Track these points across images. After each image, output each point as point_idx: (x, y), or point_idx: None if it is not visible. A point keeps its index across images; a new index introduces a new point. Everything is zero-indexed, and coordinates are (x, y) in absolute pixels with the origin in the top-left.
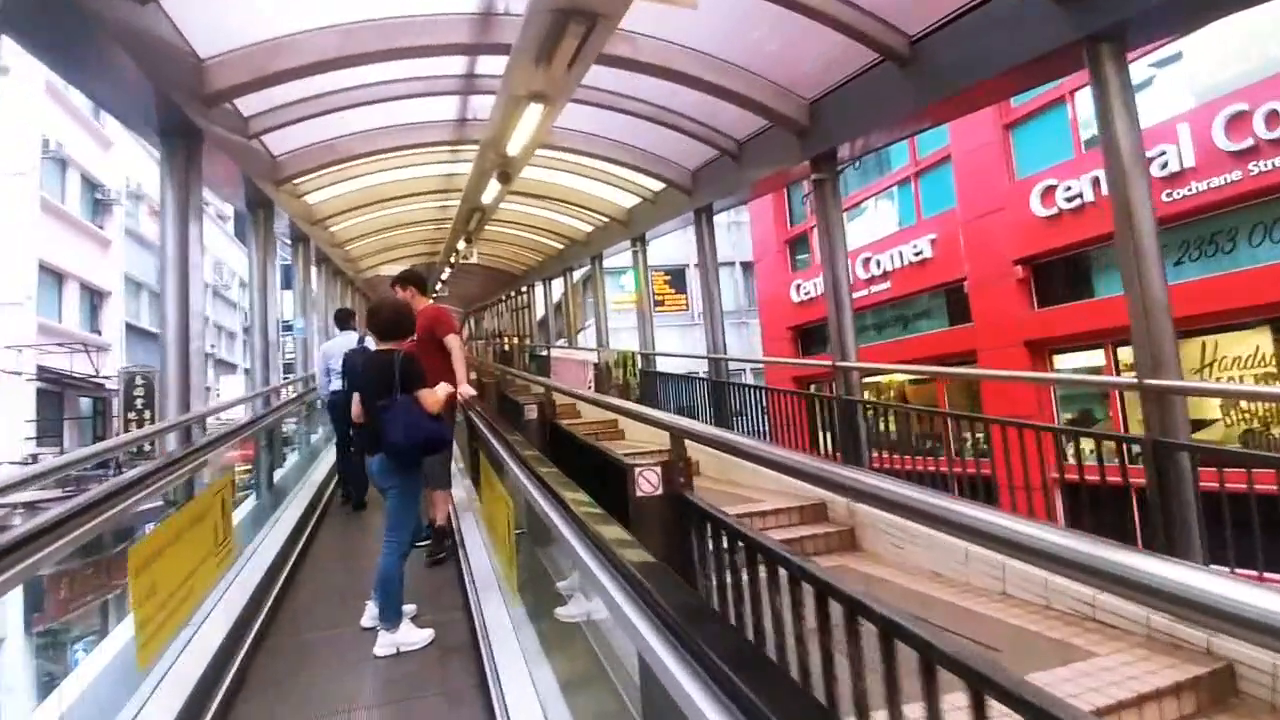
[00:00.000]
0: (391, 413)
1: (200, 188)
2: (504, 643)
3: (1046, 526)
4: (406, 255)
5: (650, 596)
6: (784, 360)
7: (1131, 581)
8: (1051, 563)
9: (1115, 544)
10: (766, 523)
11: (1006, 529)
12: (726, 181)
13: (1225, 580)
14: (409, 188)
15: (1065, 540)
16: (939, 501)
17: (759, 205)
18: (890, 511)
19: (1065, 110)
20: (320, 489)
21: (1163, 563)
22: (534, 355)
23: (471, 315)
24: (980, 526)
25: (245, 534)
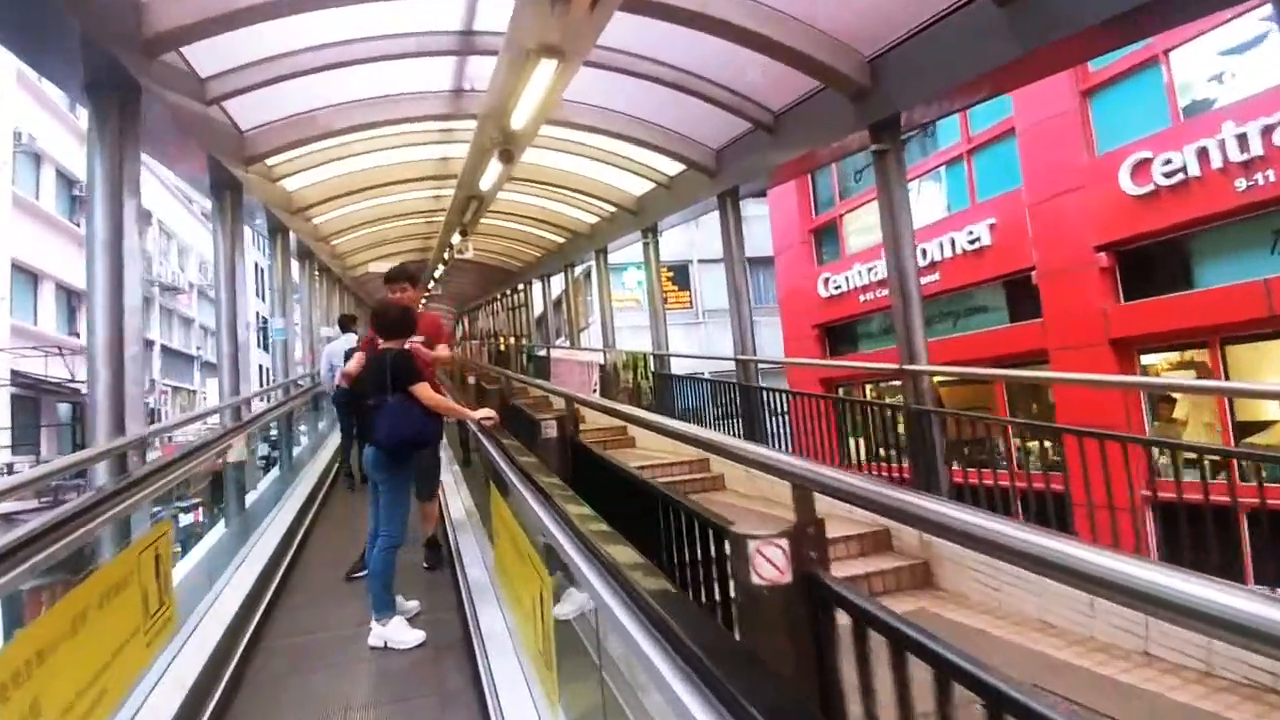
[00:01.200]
0: (381, 411)
1: (137, 157)
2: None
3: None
4: (397, 252)
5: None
6: (844, 363)
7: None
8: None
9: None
10: None
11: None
12: (757, 160)
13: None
14: (398, 173)
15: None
16: (1060, 548)
17: (779, 194)
18: (994, 555)
19: (1158, 72)
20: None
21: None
22: (532, 356)
23: (465, 315)
24: (1122, 581)
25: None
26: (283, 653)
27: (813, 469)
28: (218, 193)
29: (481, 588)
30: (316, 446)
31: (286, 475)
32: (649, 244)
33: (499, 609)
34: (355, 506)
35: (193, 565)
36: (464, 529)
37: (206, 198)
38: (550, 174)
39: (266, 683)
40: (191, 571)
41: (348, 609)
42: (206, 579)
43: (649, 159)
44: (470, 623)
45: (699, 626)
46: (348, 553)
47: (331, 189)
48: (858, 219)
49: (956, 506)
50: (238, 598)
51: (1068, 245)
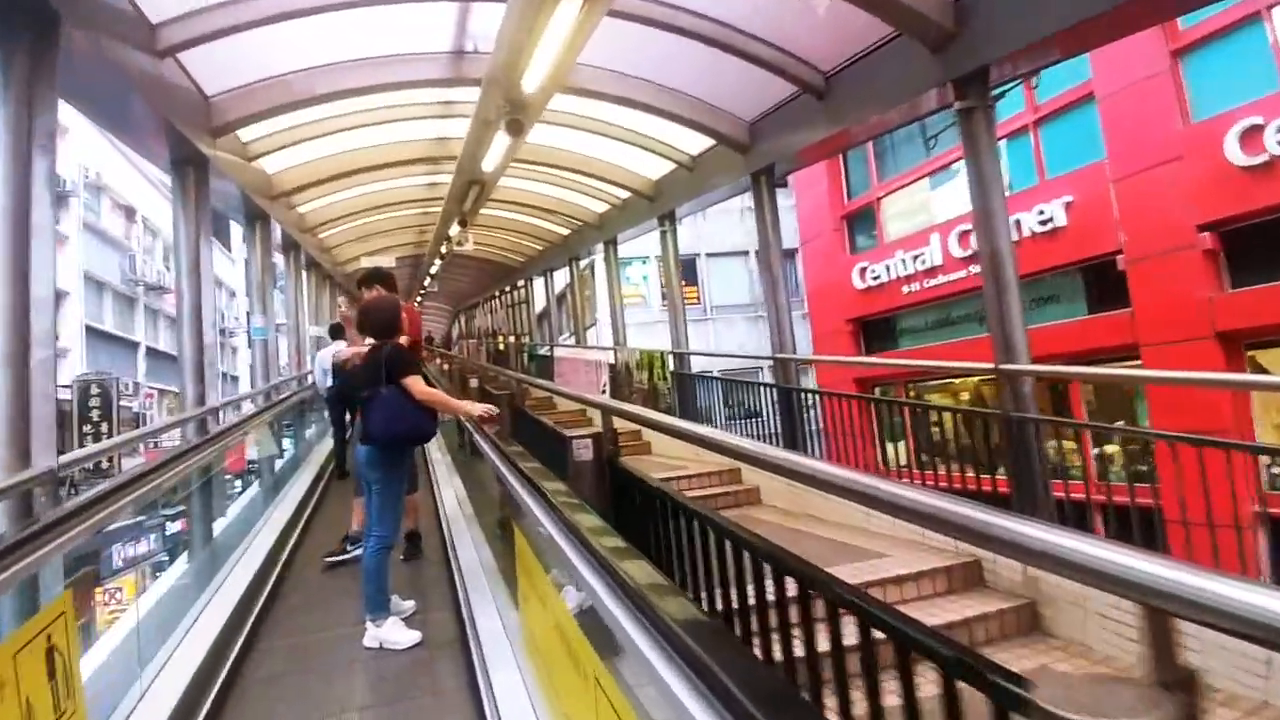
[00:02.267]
0: (374, 404)
1: (53, 107)
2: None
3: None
4: (390, 245)
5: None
6: (935, 364)
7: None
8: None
9: None
10: (905, 593)
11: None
12: (800, 131)
13: None
14: (391, 154)
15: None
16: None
17: (806, 179)
18: (1127, 596)
19: (1261, 30)
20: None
21: None
22: (534, 355)
23: (463, 313)
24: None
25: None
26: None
27: (908, 494)
28: (179, 169)
29: (475, 580)
30: (301, 459)
31: (268, 493)
32: (666, 232)
33: (494, 605)
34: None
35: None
36: (457, 521)
37: (167, 174)
38: (557, 156)
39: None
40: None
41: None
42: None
43: (670, 135)
44: (466, 622)
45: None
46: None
47: (316, 172)
48: (898, 202)
49: (1074, 535)
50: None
51: (1163, 225)
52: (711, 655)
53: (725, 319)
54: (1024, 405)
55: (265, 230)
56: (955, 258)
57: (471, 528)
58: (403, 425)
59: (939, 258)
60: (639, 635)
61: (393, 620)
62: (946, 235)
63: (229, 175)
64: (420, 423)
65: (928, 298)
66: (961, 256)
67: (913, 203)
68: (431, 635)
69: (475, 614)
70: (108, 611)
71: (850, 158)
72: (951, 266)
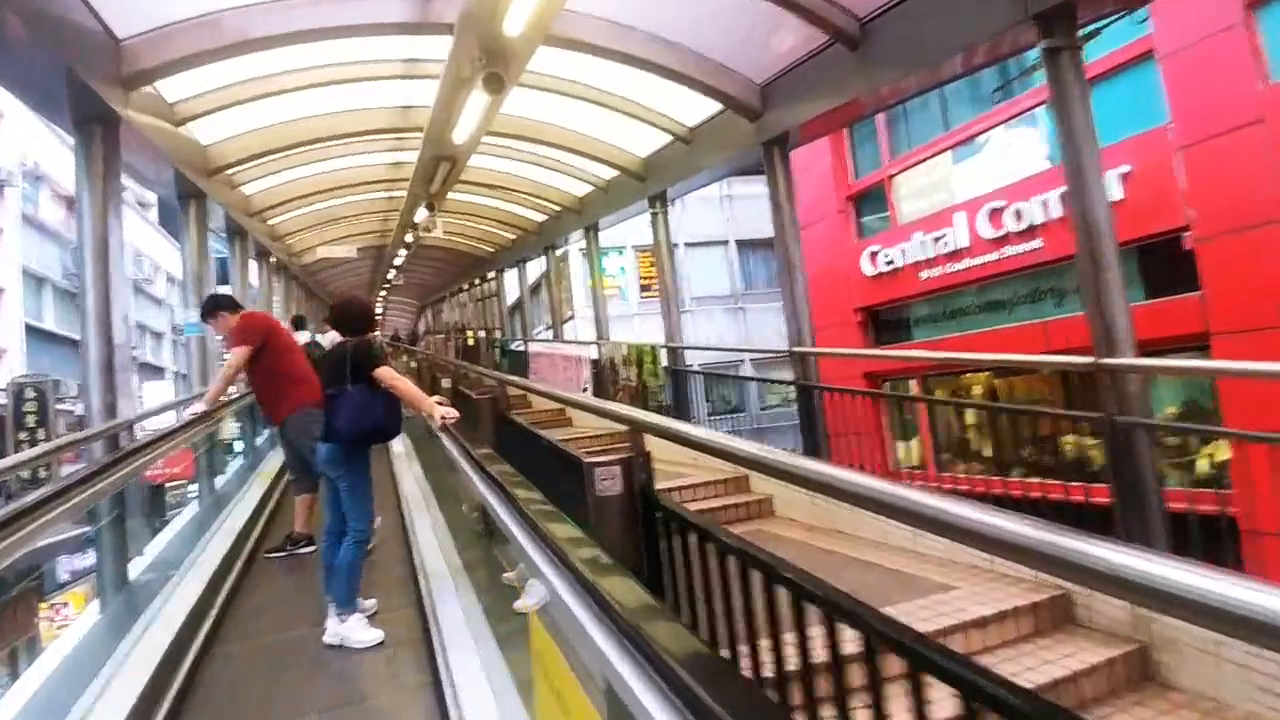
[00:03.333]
0: (339, 401)
1: None
2: None
3: None
4: (350, 234)
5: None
6: (1029, 359)
7: None
8: None
9: None
10: (988, 638)
11: None
12: (827, 90)
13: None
14: (347, 124)
15: None
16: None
17: (805, 157)
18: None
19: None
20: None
21: None
22: (506, 350)
23: (429, 308)
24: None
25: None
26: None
27: (984, 519)
28: (82, 128)
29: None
30: (245, 482)
31: (202, 522)
32: (658, 214)
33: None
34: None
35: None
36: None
37: (70, 134)
38: (537, 130)
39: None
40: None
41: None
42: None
43: (667, 102)
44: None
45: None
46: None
47: (260, 142)
48: (914, 179)
49: (1195, 569)
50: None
51: (1240, 197)
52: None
53: (705, 311)
54: (1129, 407)
55: (201, 211)
56: (985, 239)
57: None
58: (368, 423)
59: (965, 239)
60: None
61: (357, 617)
62: (974, 214)
63: (151, 140)
64: (385, 420)
65: (951, 283)
66: (992, 237)
67: (932, 180)
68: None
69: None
70: (54, 627)
71: (857, 132)
72: (980, 249)
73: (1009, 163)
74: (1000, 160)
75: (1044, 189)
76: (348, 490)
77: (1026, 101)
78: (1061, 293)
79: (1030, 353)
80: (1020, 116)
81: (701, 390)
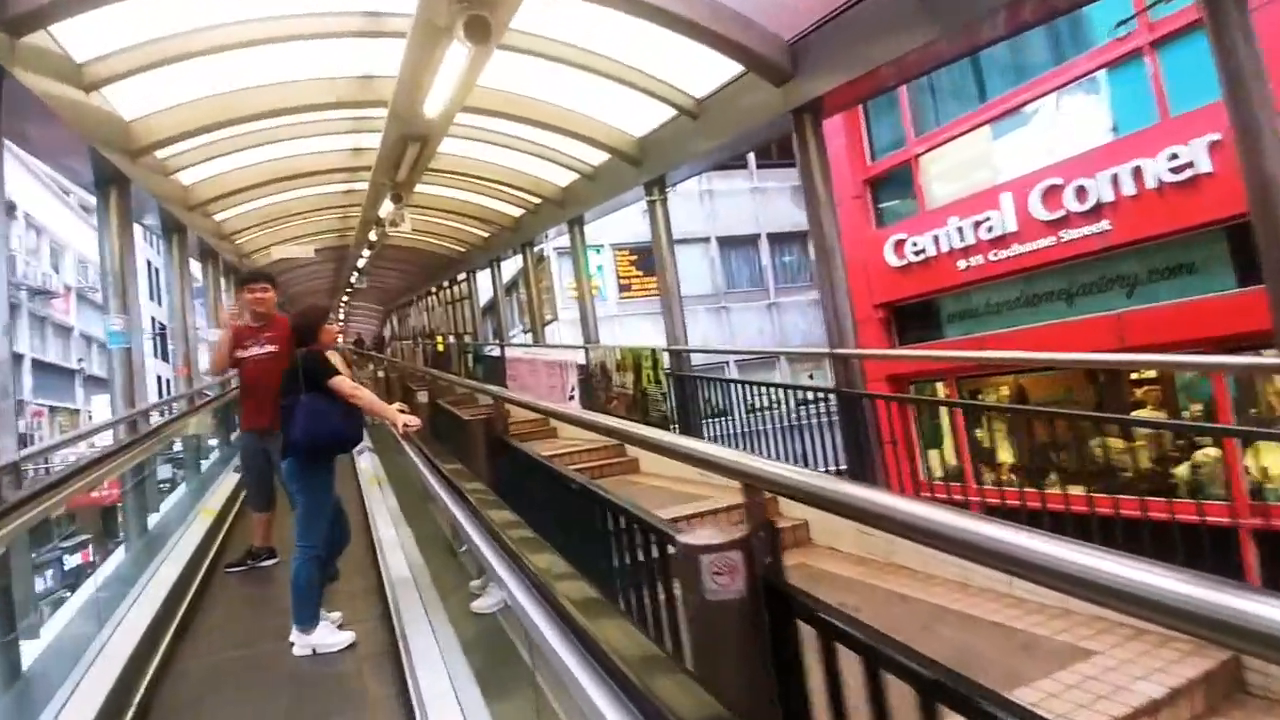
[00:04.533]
0: (295, 412)
1: None
2: None
3: None
4: (310, 234)
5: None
6: (1175, 360)
7: None
8: None
9: None
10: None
11: None
12: (879, 45)
13: None
14: (296, 95)
15: None
16: None
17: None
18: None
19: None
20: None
21: None
22: (480, 356)
23: (395, 312)
24: None
25: None
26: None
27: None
28: None
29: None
30: (184, 518)
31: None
32: (656, 202)
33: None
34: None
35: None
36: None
37: None
38: (517, 105)
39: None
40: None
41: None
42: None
43: (671, 69)
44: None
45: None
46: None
47: (195, 116)
48: (947, 158)
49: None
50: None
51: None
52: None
53: (687, 311)
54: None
55: (123, 199)
56: (1039, 221)
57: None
58: (324, 431)
59: (1012, 223)
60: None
61: (324, 625)
62: (1024, 194)
63: (51, 107)
64: (343, 429)
65: (995, 273)
66: (1048, 219)
67: (969, 158)
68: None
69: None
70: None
71: (874, 110)
72: (1031, 233)
73: (1065, 135)
74: (1053, 132)
75: (1112, 162)
76: (302, 504)
77: (1083, 65)
78: (1134, 281)
79: (1095, 349)
80: (1077, 82)
81: (739, 394)
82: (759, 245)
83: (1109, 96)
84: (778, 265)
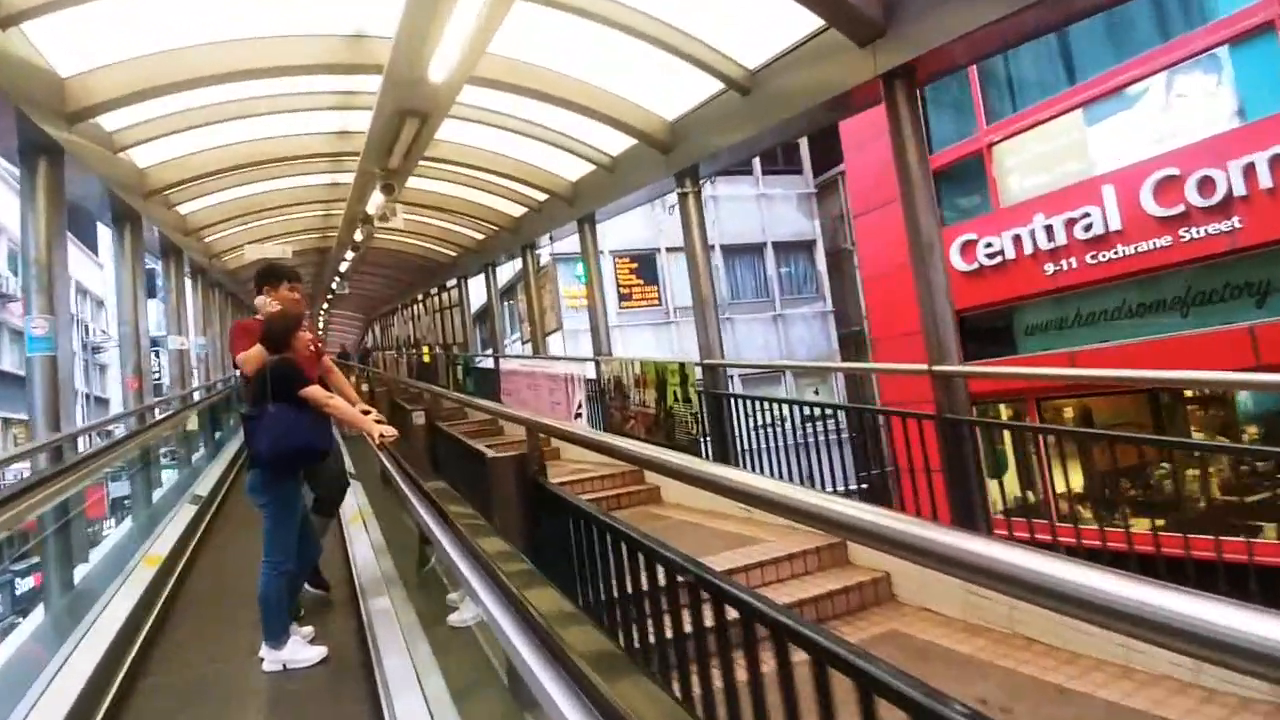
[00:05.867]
0: (260, 423)
1: None
2: None
3: None
4: (291, 232)
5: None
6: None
7: None
8: None
9: None
10: None
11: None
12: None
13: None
14: (269, 54)
15: None
16: None
17: (858, 131)
18: None
19: None
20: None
21: None
22: (471, 368)
23: (376, 321)
24: None
25: None
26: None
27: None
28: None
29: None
30: (122, 567)
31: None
32: (689, 195)
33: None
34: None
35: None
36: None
37: None
38: (531, 77)
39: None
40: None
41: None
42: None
43: (722, 30)
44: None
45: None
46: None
47: (148, 74)
48: (1028, 147)
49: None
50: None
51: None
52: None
53: (690, 321)
54: None
55: (55, 171)
56: (1151, 218)
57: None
58: (290, 444)
59: (1116, 220)
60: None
61: (294, 640)
62: (1133, 186)
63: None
64: (310, 440)
65: (1094, 278)
66: (1162, 216)
67: (1056, 147)
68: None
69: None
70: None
71: (936, 93)
72: (1140, 231)
73: (1179, 120)
74: (1165, 117)
75: (1247, 149)
76: (270, 517)
77: (1200, 40)
78: (1265, 288)
79: (1219, 366)
80: (1191, 60)
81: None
82: (764, 254)
83: (1234, 76)
84: (783, 276)
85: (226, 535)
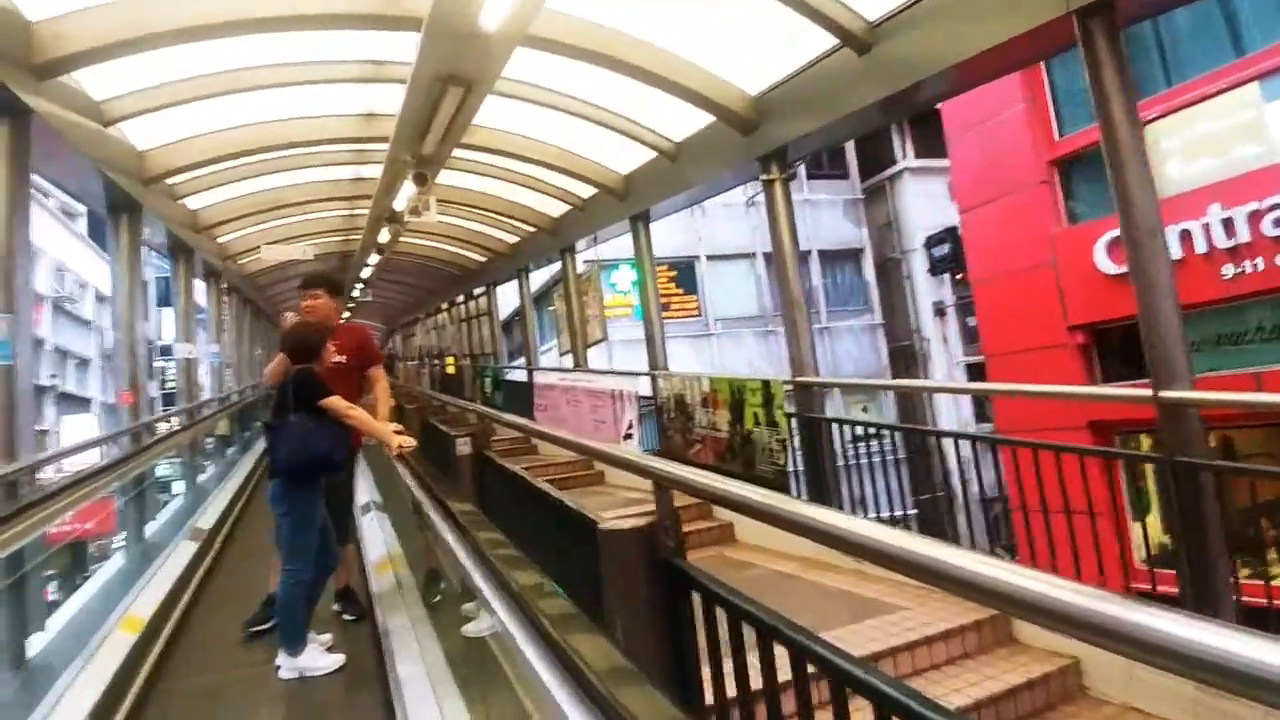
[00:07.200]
0: (281, 433)
1: None
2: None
3: None
4: (308, 234)
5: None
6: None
7: None
8: None
9: None
10: None
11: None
12: None
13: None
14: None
15: None
16: None
17: (964, 112)
18: None
19: None
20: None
21: None
22: (500, 381)
23: (396, 332)
24: None
25: None
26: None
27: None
28: None
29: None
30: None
31: None
32: (775, 183)
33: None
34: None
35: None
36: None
37: None
38: (587, 36)
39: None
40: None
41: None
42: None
43: None
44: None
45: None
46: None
47: (137, 18)
48: (1191, 126)
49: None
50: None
51: None
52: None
53: (731, 334)
54: None
55: (18, 132)
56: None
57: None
58: (307, 454)
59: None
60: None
61: (312, 647)
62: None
63: None
64: (328, 450)
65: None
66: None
67: (1228, 126)
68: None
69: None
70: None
71: (1059, 69)
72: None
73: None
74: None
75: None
76: (288, 527)
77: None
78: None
79: None
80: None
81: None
82: (809, 263)
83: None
84: (828, 287)
85: (236, 582)
